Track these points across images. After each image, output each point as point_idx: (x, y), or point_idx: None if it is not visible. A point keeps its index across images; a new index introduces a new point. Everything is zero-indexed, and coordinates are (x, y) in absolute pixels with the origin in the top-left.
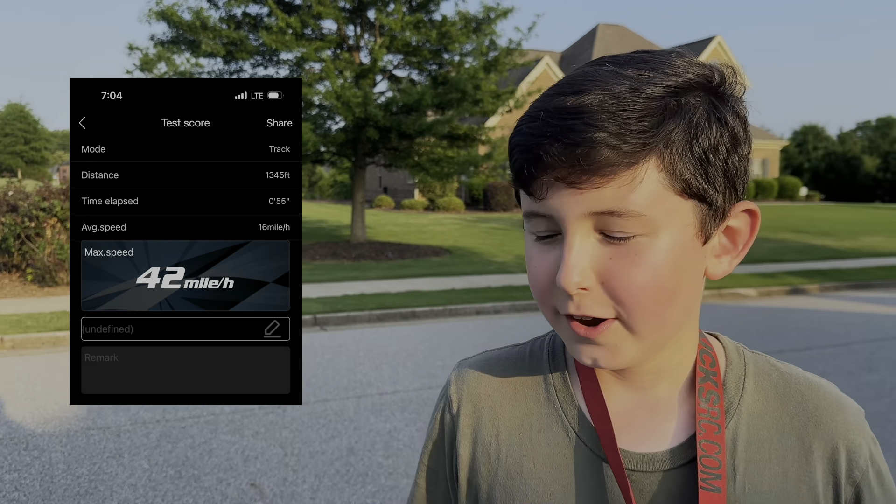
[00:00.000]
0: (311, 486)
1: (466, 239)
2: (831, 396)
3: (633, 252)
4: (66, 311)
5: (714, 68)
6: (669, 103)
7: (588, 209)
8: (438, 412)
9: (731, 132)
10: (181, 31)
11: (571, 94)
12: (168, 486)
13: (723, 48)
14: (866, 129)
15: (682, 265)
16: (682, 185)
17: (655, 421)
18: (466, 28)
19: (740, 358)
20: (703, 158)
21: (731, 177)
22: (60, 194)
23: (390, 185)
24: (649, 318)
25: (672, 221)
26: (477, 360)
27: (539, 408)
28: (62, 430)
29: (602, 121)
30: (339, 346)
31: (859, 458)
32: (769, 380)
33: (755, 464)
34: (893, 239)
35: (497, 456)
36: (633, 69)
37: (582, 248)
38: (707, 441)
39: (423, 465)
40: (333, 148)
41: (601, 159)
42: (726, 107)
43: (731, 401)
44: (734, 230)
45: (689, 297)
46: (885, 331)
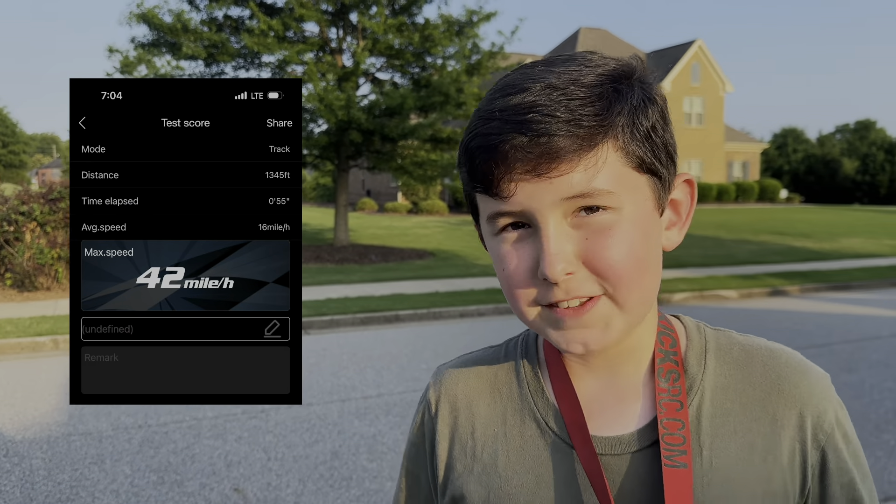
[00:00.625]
0: (294, 490)
1: (450, 242)
2: (794, 363)
3: (606, 228)
4: (46, 315)
5: (629, 59)
6: (607, 89)
7: (559, 196)
8: (419, 415)
9: (660, 112)
10: (162, 33)
11: (519, 93)
12: (150, 492)
13: (704, 52)
14: (845, 132)
15: (649, 237)
16: (637, 161)
17: (622, 404)
18: (449, 31)
19: (701, 335)
20: (647, 136)
21: (669, 151)
22: (40, 198)
23: (373, 188)
24: (633, 288)
25: (634, 196)
26: (454, 362)
27: (513, 403)
28: (42, 435)
29: (558, 110)
30: (322, 349)
31: (824, 423)
32: (730, 354)
33: (721, 438)
34: (872, 240)
35: (473, 453)
36: (562, 66)
37: (559, 235)
38: (669, 419)
39: (404, 468)
40: (316, 151)
41: (565, 145)
42: (651, 90)
43: (694, 378)
44: (677, 202)
45: (657, 269)
46: (865, 331)
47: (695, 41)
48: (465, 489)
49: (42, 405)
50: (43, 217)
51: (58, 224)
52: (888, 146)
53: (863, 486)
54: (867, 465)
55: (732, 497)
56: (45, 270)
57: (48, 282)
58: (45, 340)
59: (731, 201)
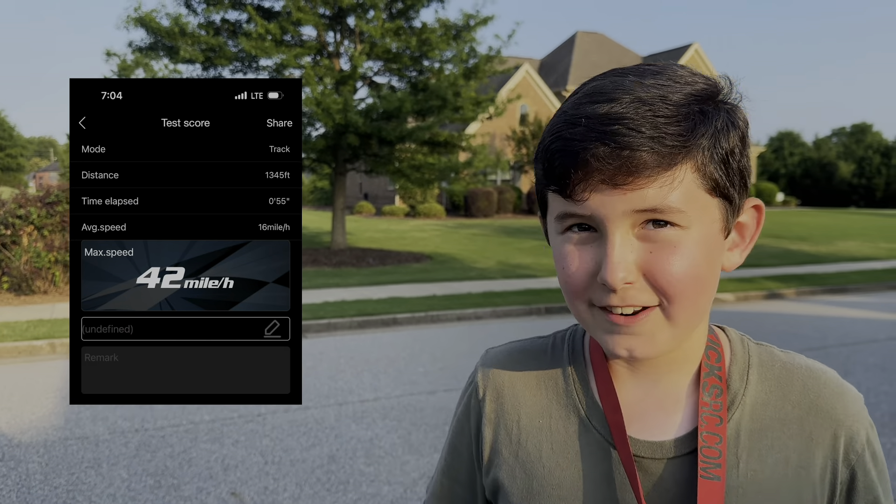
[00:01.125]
0: (291, 494)
1: (447, 245)
2: (832, 384)
3: (672, 244)
4: (43, 319)
5: (716, 79)
6: (693, 110)
7: (631, 207)
8: (465, 396)
9: (741, 136)
10: (159, 37)
11: (605, 102)
12: (147, 496)
13: (700, 56)
14: (841, 136)
15: (712, 257)
16: (712, 184)
17: (664, 412)
18: (446, 35)
19: (745, 350)
20: (725, 160)
21: (744, 176)
22: (37, 202)
23: (371, 192)
24: (687, 305)
25: (703, 217)
26: (503, 349)
27: (558, 398)
28: (39, 439)
29: (644, 126)
30: (320, 353)
31: (856, 443)
32: (772, 370)
33: (758, 452)
34: (868, 244)
35: (518, 440)
36: (651, 79)
37: (624, 245)
38: (708, 433)
39: (449, 442)
40: (314, 154)
41: (645, 162)
42: (736, 113)
43: (736, 392)
44: (743, 225)
45: (713, 288)
46: (861, 335)
47: (691, 45)
48: (510, 474)
49: (39, 409)
50: (40, 220)
51: (55, 227)
52: (884, 149)
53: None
54: (890, 483)
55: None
56: (42, 274)
57: (45, 285)
58: (42, 344)
59: None
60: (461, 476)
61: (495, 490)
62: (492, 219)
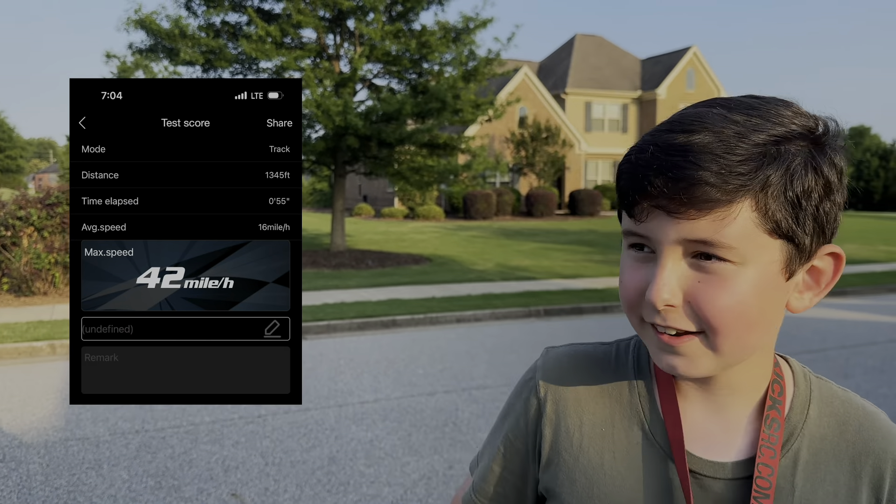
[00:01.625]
0: (292, 495)
1: (446, 247)
2: (885, 427)
3: (721, 279)
4: (43, 320)
5: (820, 120)
6: (770, 150)
7: (682, 236)
8: (525, 391)
9: (825, 181)
10: (160, 39)
11: (681, 133)
12: (148, 497)
13: (699, 58)
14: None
15: (766, 297)
16: (773, 225)
17: (727, 435)
18: (446, 38)
19: (807, 384)
20: (795, 203)
21: (820, 222)
22: (37, 203)
23: (370, 194)
24: (730, 339)
25: (760, 256)
26: (565, 351)
27: (622, 408)
28: (40, 440)
29: (705, 161)
30: (319, 354)
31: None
32: (831, 407)
33: (812, 482)
34: (867, 246)
35: (580, 445)
36: (742, 114)
37: (673, 270)
38: (763, 464)
39: (503, 434)
40: (313, 156)
41: (700, 195)
42: (824, 157)
43: (796, 425)
44: (819, 270)
45: (769, 326)
46: (860, 337)
47: (690, 47)
48: (570, 477)
49: (39, 410)
50: (40, 222)
51: (55, 229)
52: (882, 152)
53: None
54: None
55: None
56: (42, 275)
57: (45, 286)
58: (43, 345)
59: None
60: (515, 467)
61: (552, 490)
62: (491, 221)
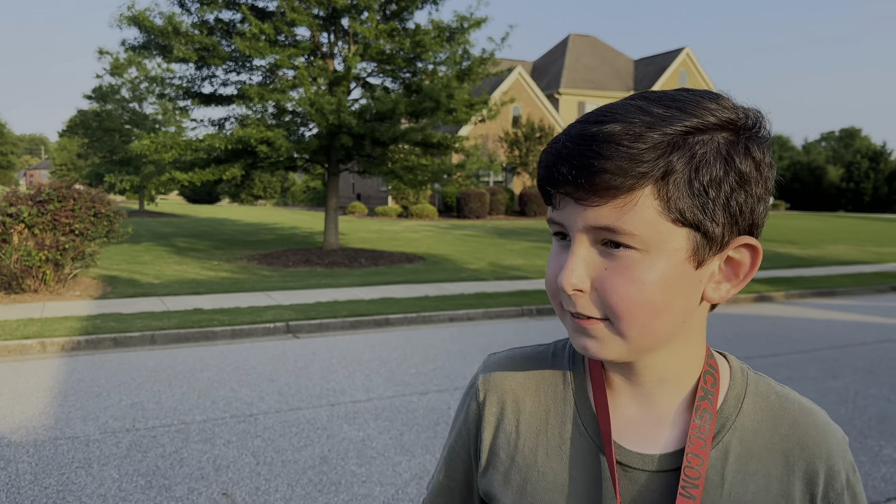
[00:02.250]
0: (283, 495)
1: (440, 246)
2: (821, 423)
3: (626, 266)
4: (34, 318)
5: (743, 112)
6: (677, 140)
7: (588, 223)
8: (467, 399)
9: (738, 171)
10: (153, 36)
11: (594, 123)
12: (138, 496)
13: (691, 59)
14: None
15: (672, 284)
16: (677, 214)
17: (657, 428)
18: (440, 37)
19: (743, 379)
20: (702, 192)
21: (733, 212)
22: (28, 200)
23: (364, 192)
24: (634, 326)
25: (664, 244)
26: (504, 355)
27: (556, 404)
28: (29, 439)
29: (608, 149)
30: (311, 353)
31: (836, 482)
32: (766, 401)
33: (742, 475)
34: (857, 247)
35: (515, 444)
36: (661, 107)
37: (582, 256)
38: (693, 454)
39: (447, 445)
40: (307, 154)
41: (600, 182)
42: (738, 148)
43: (728, 417)
44: (736, 261)
45: (681, 315)
46: (849, 338)
47: (683, 49)
48: (506, 476)
49: (29, 408)
50: (31, 219)
51: (46, 226)
52: (872, 154)
53: None
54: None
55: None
56: (32, 273)
57: (36, 284)
58: (33, 343)
59: None
60: (458, 475)
61: (490, 493)
62: (484, 220)
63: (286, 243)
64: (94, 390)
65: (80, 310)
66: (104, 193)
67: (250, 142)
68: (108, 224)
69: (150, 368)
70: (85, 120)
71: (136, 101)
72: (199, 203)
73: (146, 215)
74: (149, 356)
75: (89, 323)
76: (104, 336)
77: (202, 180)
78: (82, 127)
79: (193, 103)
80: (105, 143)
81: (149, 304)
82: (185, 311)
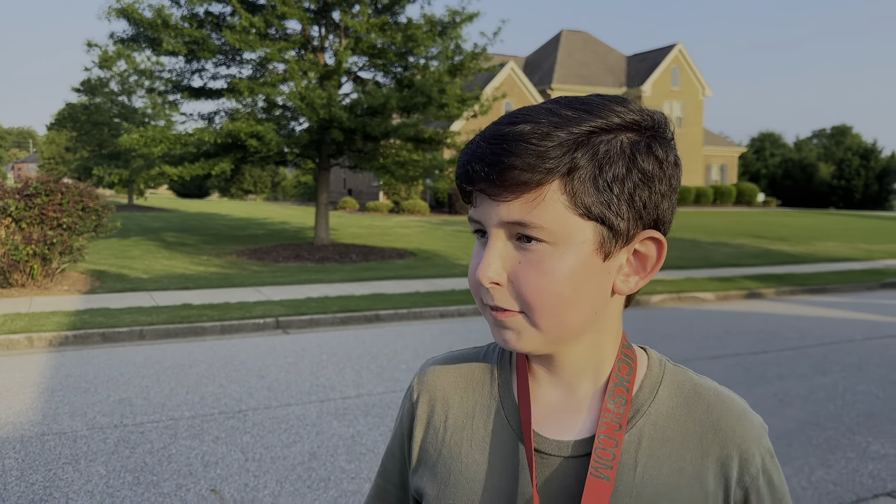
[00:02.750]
0: (272, 491)
1: (431, 241)
2: (736, 409)
3: (537, 259)
4: (21, 312)
5: (648, 115)
6: (582, 139)
7: (502, 218)
8: (404, 402)
9: (640, 169)
10: (142, 28)
11: (507, 124)
12: (126, 493)
13: (684, 56)
14: (821, 137)
15: (581, 276)
16: (583, 208)
17: (575, 415)
18: (432, 31)
19: (661, 368)
20: (605, 188)
21: (637, 207)
22: (15, 193)
23: (355, 187)
24: (547, 317)
25: (572, 237)
26: (439, 357)
27: (483, 399)
28: (16, 435)
29: (517, 147)
30: (301, 349)
31: (750, 466)
32: (682, 389)
33: (656, 459)
34: (847, 244)
35: (443, 438)
36: (571, 110)
37: (498, 251)
38: (605, 436)
39: (388, 446)
40: (297, 149)
41: (509, 178)
42: (641, 147)
43: (643, 403)
44: (643, 255)
45: (591, 306)
46: (838, 335)
47: (675, 45)
48: (433, 470)
49: (16, 404)
50: (18, 213)
51: (34, 220)
52: (863, 151)
53: None
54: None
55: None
56: (20, 267)
57: (23, 278)
58: (20, 338)
59: (709, 204)
60: (394, 477)
61: (420, 489)
62: None
63: (276, 238)
64: (82, 386)
65: (68, 304)
66: (92, 188)
67: (240, 136)
68: (97, 218)
69: (138, 364)
70: (73, 113)
71: (125, 95)
72: (188, 197)
73: (135, 210)
74: (137, 351)
75: (77, 318)
76: (92, 331)
77: (192, 175)
78: (71, 120)
79: (183, 97)
80: (94, 137)
81: (137, 300)
82: (175, 307)
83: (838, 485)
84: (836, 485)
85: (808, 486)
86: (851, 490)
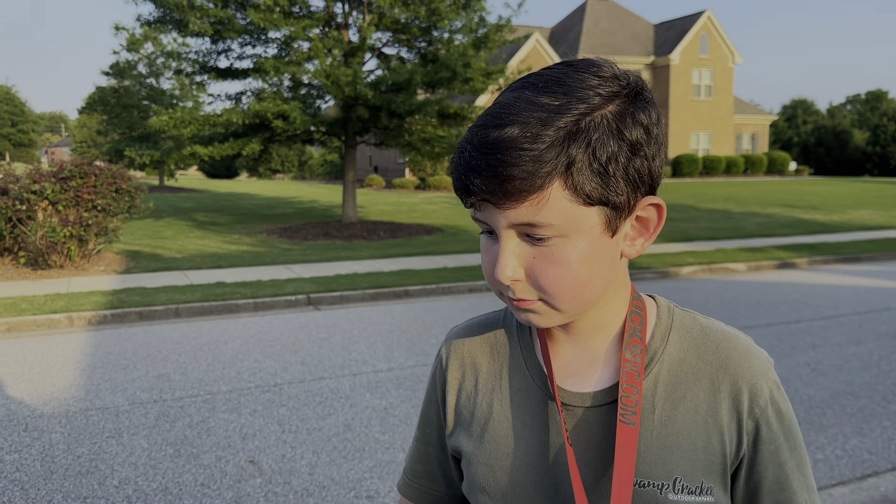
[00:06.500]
0: (308, 461)
1: (458, 217)
2: (742, 346)
3: (551, 253)
4: (60, 293)
5: (625, 80)
6: (572, 129)
7: (510, 221)
8: (434, 368)
9: (629, 142)
10: (168, 10)
11: (494, 128)
12: (168, 465)
13: (713, 22)
14: (856, 103)
15: (594, 257)
16: (585, 197)
17: (593, 368)
18: (455, 4)
19: (669, 315)
20: (602, 172)
21: (633, 179)
22: (51, 177)
23: (381, 165)
24: (567, 300)
25: (580, 225)
26: (462, 325)
27: (509, 360)
28: (61, 410)
29: (513, 157)
30: (333, 325)
31: (759, 398)
32: (691, 333)
33: (672, 401)
34: (882, 212)
35: (475, 401)
36: (549, 95)
37: (511, 250)
38: (627, 385)
39: (422, 412)
40: (323, 127)
41: (512, 189)
42: (625, 120)
43: (656, 351)
44: (644, 219)
45: (604, 278)
46: (873, 303)
47: (704, 12)
48: (469, 430)
49: (59, 381)
50: (54, 196)
51: (69, 202)
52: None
53: (790, 455)
54: (802, 441)
55: (677, 446)
56: (57, 248)
57: (61, 259)
58: (60, 318)
59: (740, 174)
60: (433, 439)
61: (458, 449)
62: None
63: (305, 217)
64: (122, 363)
65: (105, 284)
66: (125, 169)
67: (267, 116)
68: (130, 199)
69: (175, 341)
70: (103, 97)
71: (153, 77)
72: (217, 178)
73: (166, 191)
74: (173, 329)
75: (114, 297)
76: (129, 310)
77: (222, 154)
78: (101, 104)
79: (210, 77)
80: (124, 120)
81: (172, 278)
82: (208, 285)
83: (873, 453)
84: (871, 453)
85: (842, 454)
86: (887, 458)
